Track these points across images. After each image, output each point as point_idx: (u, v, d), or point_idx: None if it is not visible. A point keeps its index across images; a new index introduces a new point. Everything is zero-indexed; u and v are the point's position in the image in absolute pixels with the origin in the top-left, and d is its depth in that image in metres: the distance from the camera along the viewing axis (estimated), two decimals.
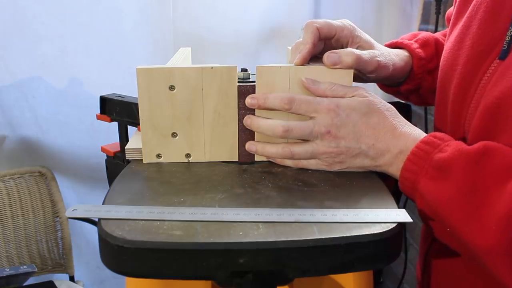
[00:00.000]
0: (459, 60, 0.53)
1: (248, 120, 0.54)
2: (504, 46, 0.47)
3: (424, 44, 0.64)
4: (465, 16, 0.54)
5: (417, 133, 0.50)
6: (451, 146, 0.45)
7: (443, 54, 0.58)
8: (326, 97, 0.52)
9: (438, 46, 0.65)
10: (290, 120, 0.53)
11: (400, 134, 0.49)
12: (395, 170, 0.50)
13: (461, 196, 0.43)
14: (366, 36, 0.58)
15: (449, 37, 0.58)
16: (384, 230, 0.41)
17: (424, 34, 0.66)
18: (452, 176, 0.43)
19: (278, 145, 0.54)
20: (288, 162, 0.54)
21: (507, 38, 0.47)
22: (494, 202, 0.41)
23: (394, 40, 0.66)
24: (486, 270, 0.43)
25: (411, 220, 0.43)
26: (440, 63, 0.58)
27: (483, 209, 0.41)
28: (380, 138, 0.50)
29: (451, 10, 0.63)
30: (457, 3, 0.58)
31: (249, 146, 0.55)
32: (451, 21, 0.59)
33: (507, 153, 0.43)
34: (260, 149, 0.55)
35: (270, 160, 0.56)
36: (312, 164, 0.53)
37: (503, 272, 0.41)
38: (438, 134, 0.48)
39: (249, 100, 0.53)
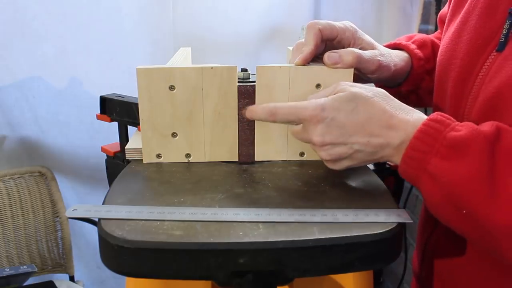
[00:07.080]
0: (457, 54, 0.53)
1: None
2: (501, 39, 0.47)
3: (421, 45, 0.65)
4: (462, 12, 0.55)
5: (416, 118, 0.46)
6: (465, 126, 0.43)
7: (440, 49, 0.58)
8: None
9: (434, 47, 0.65)
10: None
11: (398, 123, 0.46)
12: (398, 159, 0.47)
13: (479, 176, 0.41)
14: (368, 38, 0.58)
15: (445, 34, 0.58)
16: (384, 230, 0.41)
17: (420, 36, 0.67)
18: (470, 156, 0.42)
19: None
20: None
21: (504, 31, 0.47)
22: None
23: (392, 42, 0.66)
24: (497, 254, 0.42)
25: (411, 221, 0.43)
26: (438, 58, 0.58)
27: (502, 188, 0.40)
28: (374, 133, 0.46)
29: (445, 11, 0.64)
30: (452, 1, 0.59)
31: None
32: (446, 19, 0.60)
33: None
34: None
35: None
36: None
37: None
38: (444, 114, 0.46)
39: (243, 112, 0.54)
